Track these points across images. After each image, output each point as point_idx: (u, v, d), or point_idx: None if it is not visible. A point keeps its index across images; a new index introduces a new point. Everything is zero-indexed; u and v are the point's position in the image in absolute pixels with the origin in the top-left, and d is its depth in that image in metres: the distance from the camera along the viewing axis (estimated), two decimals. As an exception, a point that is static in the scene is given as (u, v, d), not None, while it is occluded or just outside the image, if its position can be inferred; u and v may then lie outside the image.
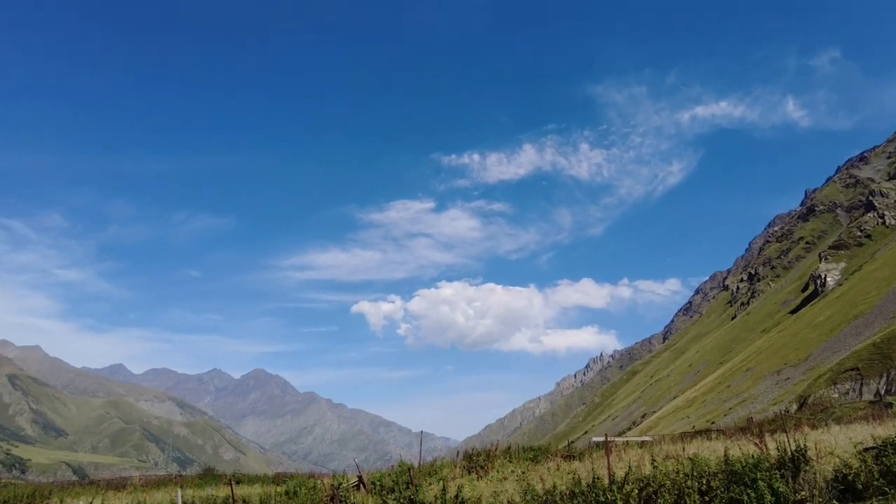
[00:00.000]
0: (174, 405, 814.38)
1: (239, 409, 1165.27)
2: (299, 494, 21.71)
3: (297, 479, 30.93)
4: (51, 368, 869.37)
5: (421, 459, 32.12)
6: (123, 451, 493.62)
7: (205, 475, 53.83)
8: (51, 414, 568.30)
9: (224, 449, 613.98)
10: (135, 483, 45.23)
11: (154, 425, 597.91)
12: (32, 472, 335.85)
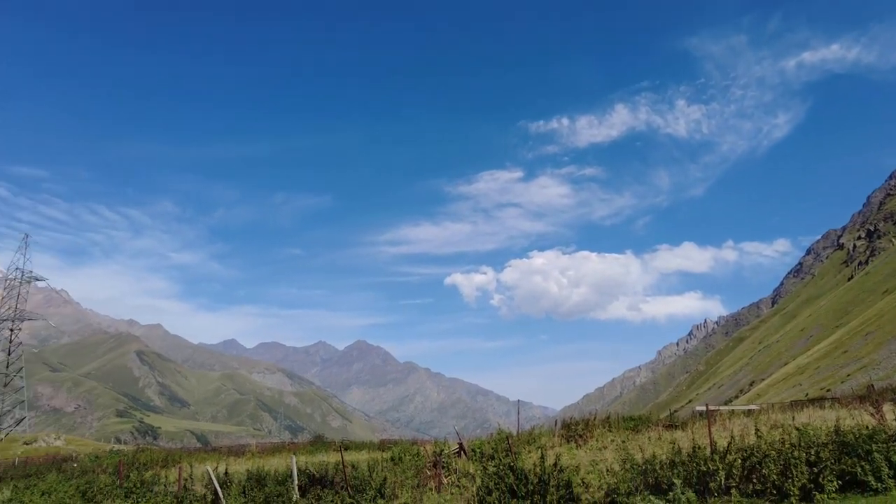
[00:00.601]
0: (284, 376, 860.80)
1: (344, 378, 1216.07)
2: (404, 460, 22.72)
3: (402, 446, 32.27)
4: (172, 345, 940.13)
5: (519, 428, 32.64)
6: (240, 420, 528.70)
7: (315, 442, 57.08)
8: (174, 386, 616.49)
9: (332, 417, 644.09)
10: (252, 450, 48.75)
11: (266, 396, 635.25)
12: (162, 438, 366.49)
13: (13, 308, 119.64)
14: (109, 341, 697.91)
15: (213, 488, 19.59)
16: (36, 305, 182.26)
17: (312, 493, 17.81)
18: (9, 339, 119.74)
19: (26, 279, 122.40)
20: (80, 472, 32.55)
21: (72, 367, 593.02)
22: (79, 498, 22.90)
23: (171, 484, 23.56)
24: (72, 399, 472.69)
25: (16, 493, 27.64)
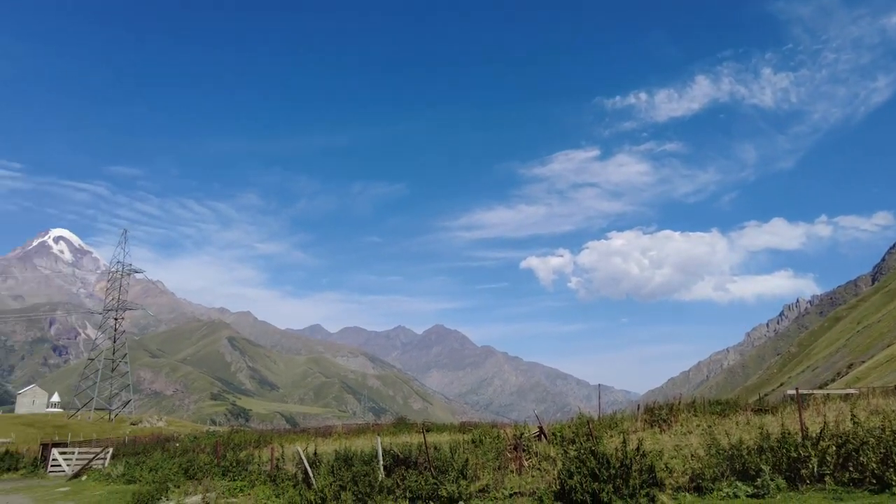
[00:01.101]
0: (366, 360, 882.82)
1: (423, 362, 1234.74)
2: (484, 443, 23.02)
3: (482, 429, 32.62)
4: (261, 331, 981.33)
5: (600, 412, 32.32)
6: (326, 402, 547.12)
7: (398, 424, 58.51)
8: (264, 370, 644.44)
9: (413, 399, 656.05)
10: (339, 431, 50.56)
11: (350, 378, 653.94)
12: (254, 420, 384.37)
13: (116, 298, 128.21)
14: (203, 328, 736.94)
15: (304, 467, 20.54)
16: (135, 296, 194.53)
17: (397, 472, 18.37)
18: (113, 327, 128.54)
19: (126, 272, 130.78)
20: (182, 451, 34.79)
21: (169, 353, 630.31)
22: (182, 475, 24.55)
23: (263, 463, 24.85)
24: (170, 383, 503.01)
25: (127, 468, 29.93)
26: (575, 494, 13.84)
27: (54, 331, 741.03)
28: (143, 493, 22.09)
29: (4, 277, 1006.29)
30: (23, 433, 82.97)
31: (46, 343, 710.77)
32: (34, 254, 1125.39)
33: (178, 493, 21.44)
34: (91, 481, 29.73)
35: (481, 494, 16.02)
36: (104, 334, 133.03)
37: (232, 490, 21.23)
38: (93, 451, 36.72)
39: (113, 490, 25.95)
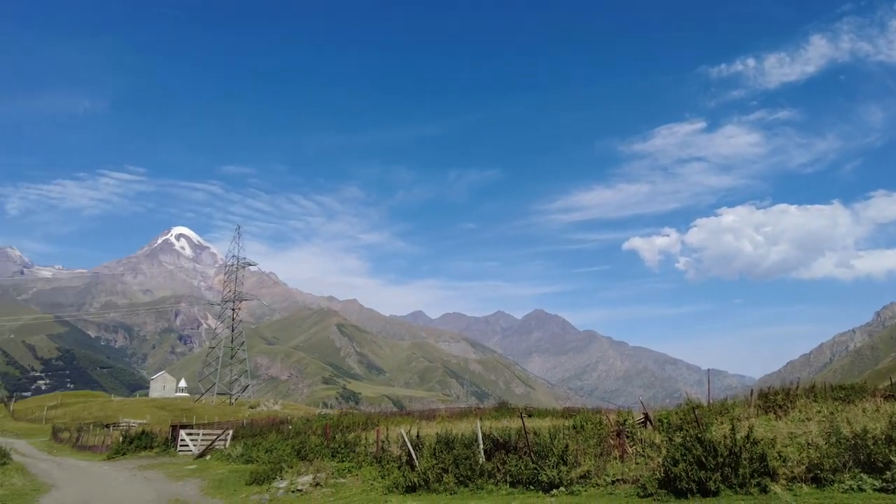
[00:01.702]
0: (468, 345, 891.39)
1: (524, 347, 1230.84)
2: (586, 429, 22.66)
3: (584, 414, 32.16)
4: (367, 317, 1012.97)
5: (710, 397, 30.95)
6: (430, 386, 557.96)
7: (500, 408, 58.78)
8: (371, 355, 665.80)
9: (515, 384, 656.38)
10: (442, 414, 51.45)
11: (453, 363, 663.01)
12: (363, 403, 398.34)
13: (233, 290, 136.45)
14: (313, 316, 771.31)
15: (407, 450, 21.09)
16: (250, 287, 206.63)
17: (497, 457, 18.47)
18: (231, 317, 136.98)
19: (241, 265, 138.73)
20: (295, 433, 36.66)
21: (283, 340, 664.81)
22: (294, 455, 25.88)
23: (370, 445, 25.73)
24: (285, 368, 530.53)
25: (246, 448, 31.94)
26: (680, 483, 13.35)
27: (179, 321, 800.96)
28: (259, 473, 23.53)
29: (135, 274, 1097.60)
30: (156, 415, 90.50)
31: (173, 333, 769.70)
32: (159, 251, 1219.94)
33: (291, 473, 22.63)
34: (214, 460, 31.99)
35: (582, 480, 15.79)
36: (223, 324, 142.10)
37: (340, 471, 22.14)
38: (215, 432, 39.43)
39: (233, 469, 27.79)
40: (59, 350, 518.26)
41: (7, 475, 27.73)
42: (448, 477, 17.99)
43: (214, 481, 24.94)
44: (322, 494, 19.61)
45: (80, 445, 50.08)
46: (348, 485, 20.43)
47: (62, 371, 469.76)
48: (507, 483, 17.17)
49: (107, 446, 44.46)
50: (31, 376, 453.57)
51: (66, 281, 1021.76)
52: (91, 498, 22.26)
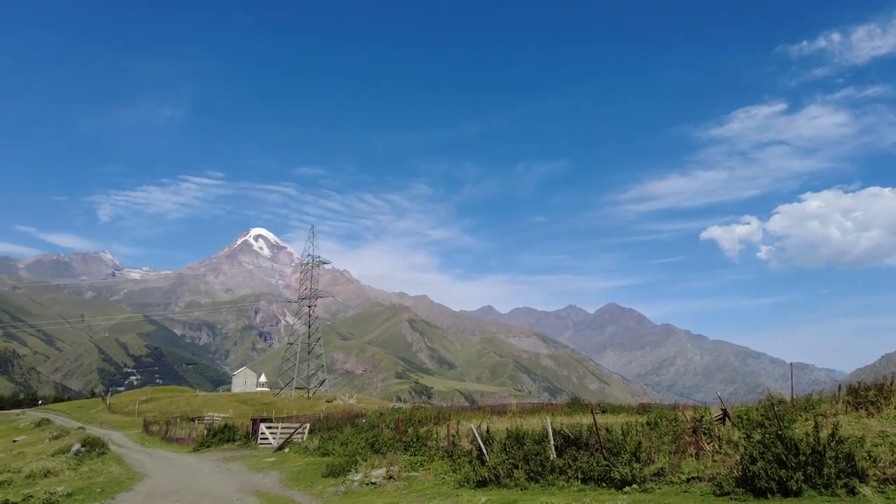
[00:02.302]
0: (538, 340, 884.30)
1: (597, 342, 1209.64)
2: (660, 425, 22.11)
3: (658, 411, 31.37)
4: (437, 313, 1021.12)
5: (793, 393, 29.54)
6: (501, 381, 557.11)
7: (572, 404, 58.05)
8: (442, 350, 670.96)
9: (588, 379, 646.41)
10: (513, 410, 51.30)
11: (524, 358, 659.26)
12: (435, 397, 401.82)
13: (309, 288, 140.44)
14: (385, 312, 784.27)
15: (477, 444, 21.20)
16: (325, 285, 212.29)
17: (568, 453, 18.30)
18: (308, 314, 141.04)
19: (316, 263, 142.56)
20: (369, 426, 37.43)
21: (357, 335, 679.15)
22: (368, 449, 26.47)
23: (441, 439, 25.98)
24: (360, 363, 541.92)
25: (322, 442, 32.90)
26: (759, 481, 12.85)
27: (259, 319, 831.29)
28: (335, 466, 24.21)
29: (217, 274, 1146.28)
30: (238, 409, 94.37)
31: (254, 330, 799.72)
32: (239, 251, 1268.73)
33: (366, 465, 23.17)
34: (292, 453, 33.11)
35: (656, 478, 15.44)
36: (300, 320, 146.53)
37: (413, 464, 22.50)
38: (293, 426, 40.77)
39: (310, 462, 28.70)
40: (148, 347, 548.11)
41: (106, 464, 29.77)
42: (518, 472, 17.98)
43: (292, 473, 25.84)
44: (395, 487, 19.99)
45: (168, 438, 52.87)
46: (420, 478, 20.73)
47: (151, 367, 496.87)
48: (578, 479, 16.99)
49: (192, 439, 46.76)
50: (125, 372, 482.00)
51: (153, 282, 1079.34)
52: (179, 487, 23.52)
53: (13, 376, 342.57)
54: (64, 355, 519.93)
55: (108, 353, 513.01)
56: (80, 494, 22.17)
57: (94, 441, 36.97)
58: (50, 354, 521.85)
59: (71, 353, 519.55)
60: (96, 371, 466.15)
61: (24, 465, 28.15)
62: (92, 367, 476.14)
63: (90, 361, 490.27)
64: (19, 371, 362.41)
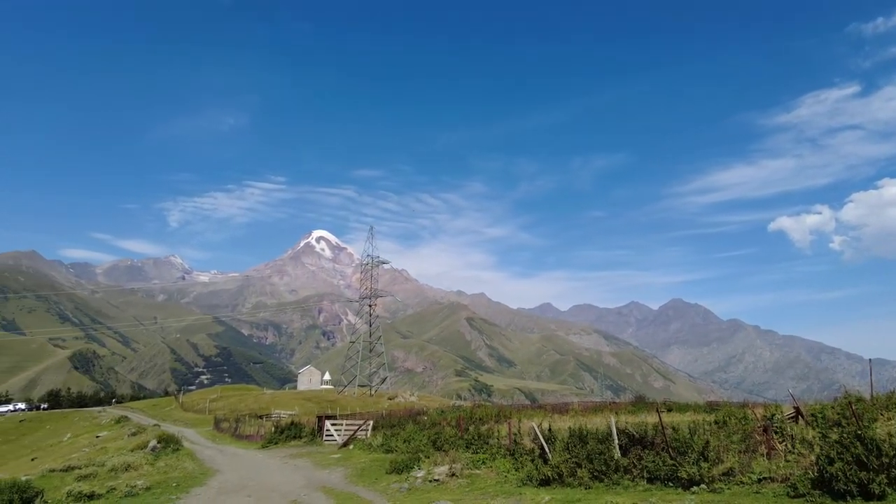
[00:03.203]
0: (600, 337, 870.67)
1: (661, 338, 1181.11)
2: (729, 423, 21.46)
3: (726, 409, 30.41)
4: (495, 311, 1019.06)
5: (872, 390, 28.10)
6: (562, 380, 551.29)
7: (636, 402, 56.98)
8: (501, 348, 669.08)
9: (653, 377, 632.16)
10: (575, 408, 50.74)
11: (585, 356, 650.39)
12: (495, 395, 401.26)
13: (369, 287, 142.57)
14: (444, 311, 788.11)
15: (539, 443, 21.07)
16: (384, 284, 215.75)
17: (633, 452, 17.97)
18: (368, 313, 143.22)
19: (375, 263, 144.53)
20: (430, 424, 37.72)
21: (416, 334, 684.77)
22: (430, 446, 26.67)
23: (502, 437, 25.95)
24: (419, 361, 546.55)
25: (385, 439, 33.37)
26: (837, 483, 12.30)
27: (322, 318, 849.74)
28: (398, 462, 24.52)
29: (281, 275, 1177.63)
30: (303, 406, 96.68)
31: (317, 329, 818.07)
32: (301, 253, 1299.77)
33: (428, 463, 23.37)
34: (357, 450, 33.72)
35: (725, 478, 14.99)
36: (361, 319, 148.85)
37: (475, 462, 22.55)
38: (357, 423, 41.48)
39: (374, 458, 29.16)
40: (217, 347, 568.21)
41: (180, 460, 31.10)
42: (582, 471, 17.79)
43: (357, 470, 26.33)
44: (458, 485, 20.09)
45: (238, 435, 54.64)
46: (482, 476, 20.76)
47: (221, 366, 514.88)
48: (643, 479, 16.68)
49: (261, 436, 48.20)
50: (195, 371, 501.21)
51: (221, 284, 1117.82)
52: (249, 482, 24.32)
53: (94, 376, 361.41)
54: (139, 356, 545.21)
55: (179, 353, 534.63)
56: (158, 488, 23.26)
57: (169, 438, 38.65)
58: (126, 355, 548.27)
59: (145, 354, 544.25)
60: (169, 371, 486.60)
61: (106, 460, 29.71)
62: (165, 367, 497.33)
63: (163, 361, 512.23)
64: (99, 371, 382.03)
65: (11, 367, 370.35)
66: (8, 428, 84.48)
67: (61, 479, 26.19)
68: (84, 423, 79.71)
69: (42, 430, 79.78)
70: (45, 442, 67.41)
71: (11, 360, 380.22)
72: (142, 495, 22.04)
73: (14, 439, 75.68)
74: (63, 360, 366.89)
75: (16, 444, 71.52)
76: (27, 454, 59.23)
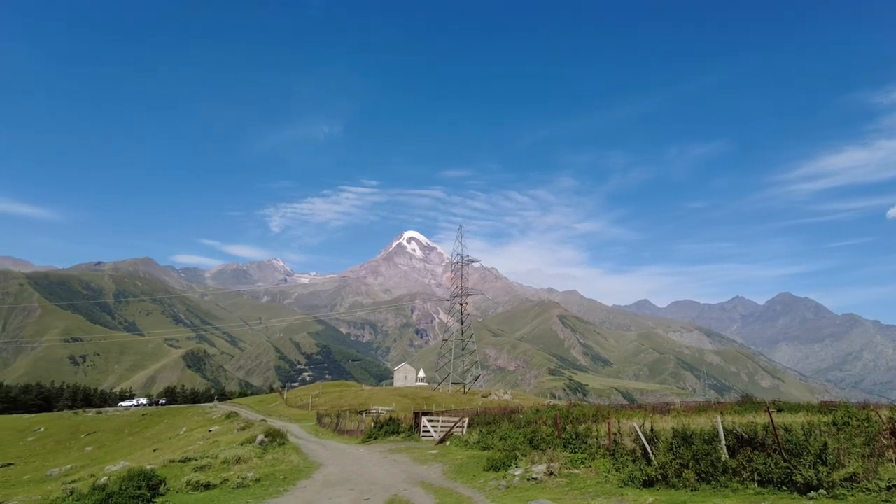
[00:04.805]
0: (702, 335, 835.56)
1: (769, 335, 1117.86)
2: (850, 425, 20.03)
3: (845, 409, 28.37)
4: (588, 308, 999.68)
5: None
6: (662, 379, 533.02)
7: (743, 402, 54.15)
8: (595, 347, 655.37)
9: (760, 376, 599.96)
10: (677, 408, 48.88)
11: (686, 354, 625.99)
12: (591, 395, 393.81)
13: (459, 286, 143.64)
14: (535, 308, 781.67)
15: (641, 443, 20.48)
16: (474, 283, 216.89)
17: (742, 454, 17.14)
18: (460, 311, 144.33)
19: (465, 262, 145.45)
20: (526, 422, 37.49)
21: (508, 332, 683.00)
22: (527, 444, 26.54)
23: (601, 437, 25.42)
24: (511, 359, 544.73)
25: (481, 436, 33.49)
26: (980, 492, 11.19)
27: (415, 317, 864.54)
28: (496, 460, 24.55)
29: (375, 275, 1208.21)
30: (400, 403, 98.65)
31: (411, 327, 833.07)
32: (394, 254, 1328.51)
33: (526, 461, 23.26)
34: (453, 446, 34.04)
35: (847, 484, 13.97)
36: (453, 318, 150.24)
37: (573, 461, 22.22)
38: (452, 419, 41.88)
39: (471, 455, 29.34)
40: (317, 346, 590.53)
41: (286, 453, 32.58)
42: (688, 473, 17.15)
43: (454, 466, 26.59)
44: (557, 484, 19.87)
45: (339, 430, 56.48)
46: (582, 476, 20.43)
47: (321, 364, 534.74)
48: (754, 482, 15.85)
49: (361, 431, 49.61)
50: (298, 368, 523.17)
51: (320, 285, 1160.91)
52: (351, 476, 25.13)
53: (205, 373, 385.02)
54: (246, 354, 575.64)
55: (283, 351, 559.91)
56: (266, 480, 24.48)
57: (276, 432, 40.57)
58: (234, 354, 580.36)
59: (252, 353, 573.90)
60: (273, 368, 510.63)
61: (219, 452, 31.59)
62: (270, 365, 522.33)
63: (268, 359, 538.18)
64: (210, 369, 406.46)
65: (133, 366, 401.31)
66: (133, 421, 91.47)
67: (180, 469, 28.16)
68: (197, 417, 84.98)
69: (161, 423, 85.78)
70: (164, 435, 72.46)
71: (133, 360, 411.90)
72: (252, 487, 23.26)
73: (138, 431, 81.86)
74: (177, 359, 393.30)
75: (140, 437, 77.34)
76: (150, 445, 63.90)
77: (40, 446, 79.57)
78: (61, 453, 72.82)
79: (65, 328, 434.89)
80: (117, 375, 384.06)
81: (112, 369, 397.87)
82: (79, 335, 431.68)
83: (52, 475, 51.80)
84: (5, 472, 61.08)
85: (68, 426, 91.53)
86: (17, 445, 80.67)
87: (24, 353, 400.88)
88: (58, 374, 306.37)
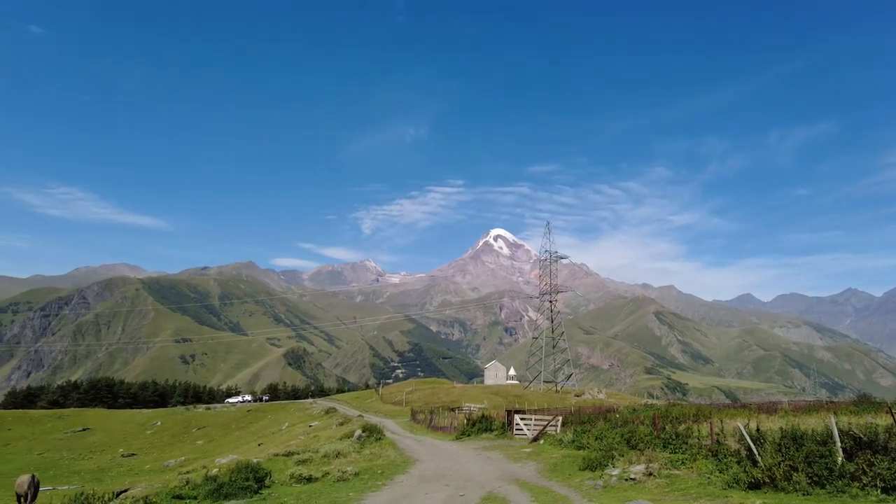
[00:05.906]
0: (811, 330, 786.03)
1: (888, 329, 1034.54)
2: None
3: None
4: (686, 304, 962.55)
5: None
6: (767, 377, 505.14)
7: (860, 402, 50.52)
8: (695, 344, 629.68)
9: (879, 374, 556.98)
10: (785, 408, 46.23)
11: (793, 351, 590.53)
12: (691, 394, 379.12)
13: (548, 283, 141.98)
14: (629, 305, 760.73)
15: (746, 444, 19.52)
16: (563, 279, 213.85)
17: (861, 457, 15.98)
18: (549, 309, 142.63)
19: (554, 258, 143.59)
20: (622, 422, 36.60)
21: (600, 329, 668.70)
22: (624, 444, 25.90)
23: (703, 437, 24.45)
24: (605, 358, 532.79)
25: (576, 435, 33.01)
26: None
27: (504, 315, 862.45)
28: (591, 459, 24.11)
29: (463, 274, 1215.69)
30: (491, 400, 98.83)
31: (499, 325, 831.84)
32: (481, 252, 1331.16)
33: (623, 461, 22.71)
34: (547, 445, 33.72)
35: None
36: (542, 315, 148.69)
37: (673, 462, 21.48)
38: (546, 418, 41.48)
39: (565, 454, 28.96)
40: (409, 343, 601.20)
41: (383, 448, 33.48)
42: (799, 476, 16.18)
43: (549, 465, 26.34)
44: (656, 485, 19.28)
45: (433, 426, 57.26)
46: (682, 477, 19.72)
47: (413, 361, 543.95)
48: (876, 488, 14.74)
49: (454, 427, 50.07)
50: (391, 366, 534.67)
51: (410, 285, 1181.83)
52: (446, 472, 25.42)
53: (305, 371, 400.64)
54: (342, 352, 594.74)
55: (377, 349, 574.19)
56: (365, 475, 25.22)
57: (372, 428, 41.69)
58: (331, 352, 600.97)
59: (347, 350, 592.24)
60: (368, 365, 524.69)
61: (319, 447, 32.88)
62: (365, 362, 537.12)
63: (363, 357, 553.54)
64: (309, 366, 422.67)
65: (238, 364, 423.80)
66: (239, 416, 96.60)
67: (283, 463, 29.55)
68: (298, 413, 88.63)
69: (265, 419, 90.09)
70: (268, 429, 76.10)
71: (238, 358, 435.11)
72: (352, 480, 24.03)
73: (244, 426, 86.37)
74: (278, 358, 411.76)
75: (245, 431, 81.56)
76: (255, 440, 67.28)
77: (157, 439, 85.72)
78: (175, 446, 78.14)
79: (175, 329, 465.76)
80: (223, 373, 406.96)
81: (219, 367, 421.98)
82: (188, 336, 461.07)
83: (169, 466, 55.76)
84: (130, 461, 66.26)
85: (181, 421, 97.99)
86: (139, 438, 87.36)
87: (141, 352, 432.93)
88: (170, 373, 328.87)
